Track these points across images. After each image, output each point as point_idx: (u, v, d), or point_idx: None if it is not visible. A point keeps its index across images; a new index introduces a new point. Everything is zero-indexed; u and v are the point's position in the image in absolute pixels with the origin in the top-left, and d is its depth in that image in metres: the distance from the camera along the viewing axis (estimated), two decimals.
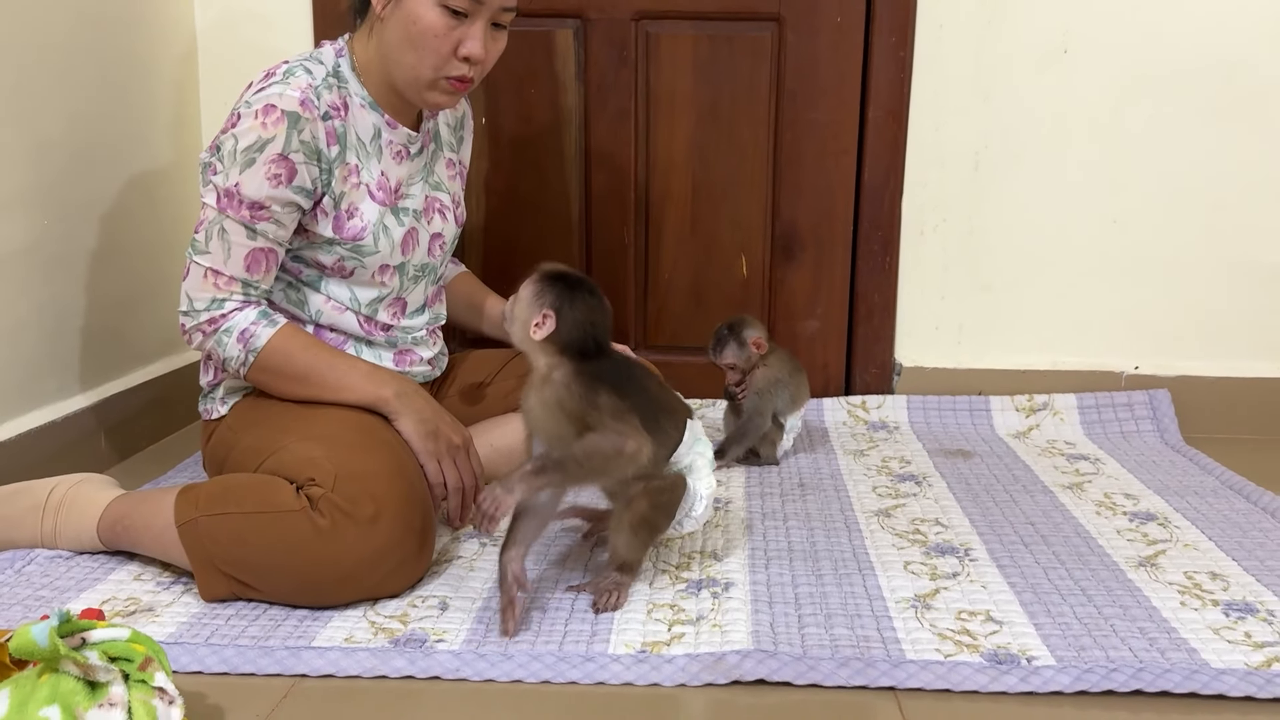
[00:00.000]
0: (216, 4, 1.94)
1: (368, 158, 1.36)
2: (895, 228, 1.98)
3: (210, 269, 1.28)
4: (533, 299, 1.18)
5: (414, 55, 1.30)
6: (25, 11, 1.49)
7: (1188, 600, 1.20)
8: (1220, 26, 1.88)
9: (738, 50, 1.92)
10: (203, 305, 1.29)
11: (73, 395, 1.63)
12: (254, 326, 1.29)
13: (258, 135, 1.25)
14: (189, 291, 1.29)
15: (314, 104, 1.28)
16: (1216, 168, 1.93)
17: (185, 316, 1.30)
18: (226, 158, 1.26)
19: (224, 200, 1.27)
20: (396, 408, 1.31)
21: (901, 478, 1.64)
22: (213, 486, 1.22)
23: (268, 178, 1.26)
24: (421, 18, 1.28)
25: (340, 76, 1.34)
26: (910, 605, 1.18)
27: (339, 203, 1.33)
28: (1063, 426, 1.91)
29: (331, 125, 1.31)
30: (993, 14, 1.90)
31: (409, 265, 1.42)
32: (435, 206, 1.46)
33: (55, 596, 1.19)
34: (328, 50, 1.37)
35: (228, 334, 1.29)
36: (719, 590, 1.21)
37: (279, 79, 1.29)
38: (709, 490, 1.23)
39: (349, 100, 1.34)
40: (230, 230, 1.27)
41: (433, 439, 1.31)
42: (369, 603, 1.17)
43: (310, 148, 1.28)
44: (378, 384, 1.32)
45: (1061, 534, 1.40)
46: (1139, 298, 1.98)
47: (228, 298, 1.29)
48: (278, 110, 1.25)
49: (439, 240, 1.47)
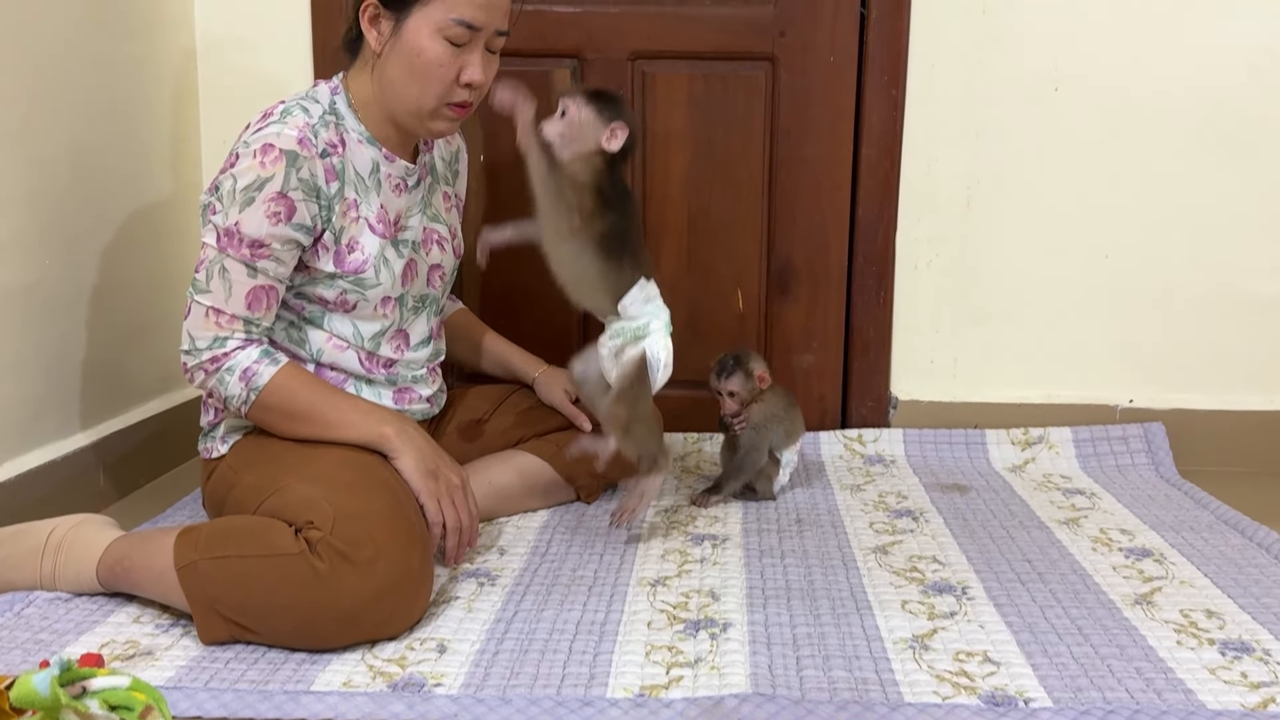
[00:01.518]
0: (216, 36, 1.96)
1: (366, 192, 1.38)
2: (889, 262, 2.00)
3: (211, 308, 1.29)
4: (598, 116, 1.37)
5: (418, 86, 1.33)
6: (25, 50, 1.51)
7: (1184, 639, 1.21)
8: (1206, 61, 1.91)
9: (732, 89, 1.94)
10: (205, 344, 1.30)
11: (73, 433, 1.64)
12: (256, 365, 1.30)
13: (256, 174, 1.27)
14: (190, 330, 1.30)
15: (311, 142, 1.30)
16: (1206, 200, 1.95)
17: (187, 355, 1.31)
18: (225, 197, 1.28)
19: (224, 239, 1.28)
20: (397, 445, 1.31)
21: (898, 513, 1.64)
22: (212, 529, 1.22)
23: (267, 216, 1.27)
24: (425, 50, 1.31)
25: (337, 113, 1.37)
26: (908, 646, 1.18)
27: (339, 238, 1.35)
28: (1058, 460, 1.92)
29: (329, 162, 1.32)
30: (983, 52, 1.93)
31: (408, 296, 1.44)
32: (433, 238, 1.48)
33: (54, 640, 1.19)
34: (323, 89, 1.39)
35: (230, 372, 1.30)
36: (717, 631, 1.21)
37: (276, 119, 1.30)
38: (667, 354, 1.42)
39: (346, 136, 1.36)
40: (231, 269, 1.29)
41: (432, 478, 1.31)
42: (367, 645, 1.17)
43: (309, 185, 1.30)
44: (378, 421, 1.33)
45: (1058, 571, 1.41)
46: (1132, 330, 2.00)
47: (229, 336, 1.30)
48: (276, 149, 1.27)
49: (438, 271, 1.49)
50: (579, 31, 1.93)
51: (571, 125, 1.37)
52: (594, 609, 1.27)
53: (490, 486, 1.57)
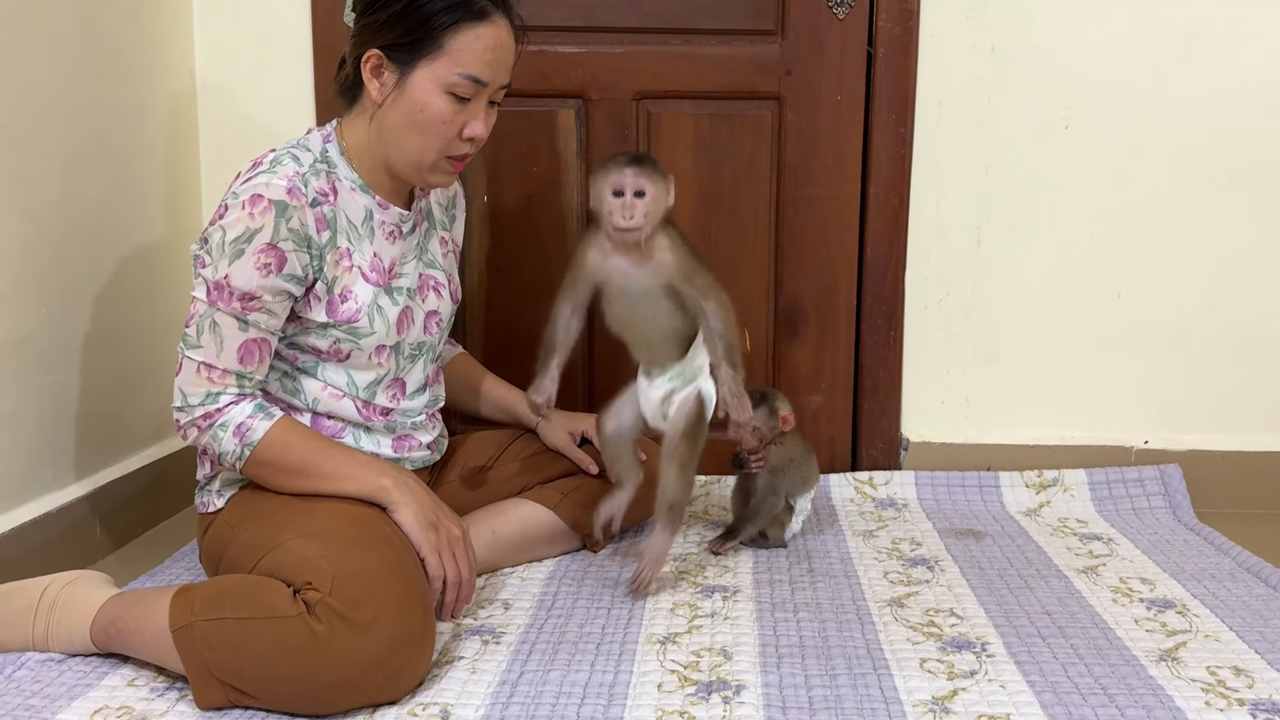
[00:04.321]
0: (215, 80, 1.95)
1: (359, 240, 1.35)
2: (899, 302, 1.97)
3: (203, 363, 1.26)
4: (663, 177, 1.37)
5: (419, 140, 1.32)
6: (20, 94, 1.49)
7: (1212, 699, 1.17)
8: (1218, 99, 1.89)
9: (738, 129, 1.93)
10: (197, 400, 1.27)
11: (68, 484, 1.60)
12: (250, 420, 1.27)
13: (245, 226, 1.25)
14: (182, 387, 1.28)
15: (301, 191, 1.28)
16: (1219, 238, 1.93)
17: (179, 412, 1.28)
18: (215, 250, 1.26)
19: (214, 293, 1.26)
20: (396, 498, 1.28)
21: (913, 561, 1.60)
22: (208, 589, 1.19)
23: (257, 267, 1.25)
24: (429, 105, 1.30)
25: (329, 161, 1.35)
26: (928, 709, 1.14)
27: (331, 287, 1.32)
28: (1074, 503, 1.89)
29: (320, 211, 1.30)
30: (992, 90, 1.91)
31: (404, 344, 1.41)
32: (430, 284, 1.45)
33: (46, 705, 1.15)
34: (315, 136, 1.37)
35: (223, 429, 1.27)
36: (730, 694, 1.17)
37: (265, 168, 1.28)
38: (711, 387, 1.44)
39: (338, 185, 1.34)
40: (222, 323, 1.26)
41: (433, 530, 1.28)
42: (369, 710, 1.13)
43: (299, 235, 1.27)
44: (376, 473, 1.30)
45: (1079, 624, 1.37)
46: (1146, 370, 1.97)
47: (222, 391, 1.27)
48: (264, 200, 1.25)
49: (435, 317, 1.46)
50: (583, 71, 1.91)
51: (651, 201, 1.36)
52: (602, 669, 1.23)
53: (494, 536, 1.54)
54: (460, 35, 1.29)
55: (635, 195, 1.35)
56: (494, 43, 1.31)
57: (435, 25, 1.28)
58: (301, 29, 1.92)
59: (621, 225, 1.35)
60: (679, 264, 1.39)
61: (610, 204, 1.36)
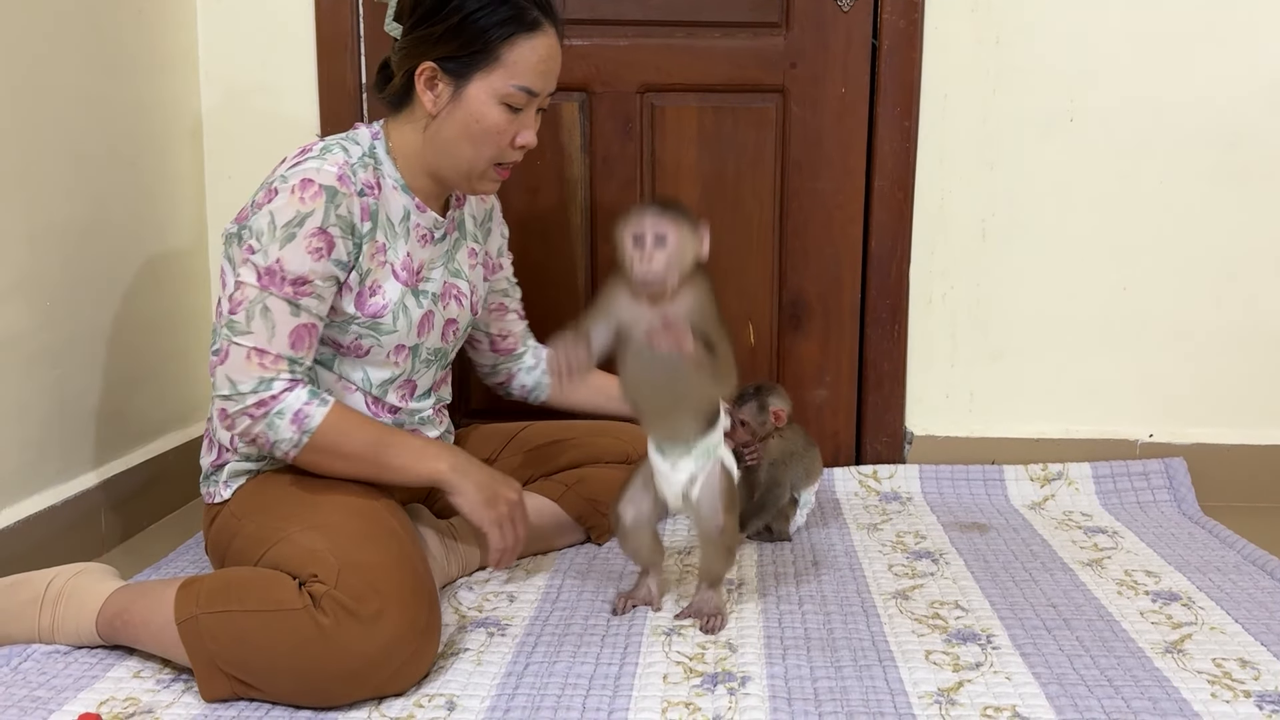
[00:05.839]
0: (221, 76, 1.95)
1: (395, 238, 1.36)
2: (903, 296, 1.97)
3: (254, 349, 1.26)
4: (690, 223, 1.26)
5: (473, 149, 1.34)
6: (27, 91, 1.49)
7: (1218, 691, 1.17)
8: (1224, 94, 1.88)
9: (742, 122, 1.92)
10: (248, 387, 1.25)
11: (74, 477, 1.61)
12: (307, 406, 1.26)
13: (296, 210, 1.25)
14: (230, 375, 1.26)
15: (350, 180, 1.29)
16: (1224, 233, 1.92)
17: (227, 401, 1.26)
18: (264, 235, 1.25)
19: (265, 278, 1.25)
20: (453, 481, 1.32)
21: (917, 554, 1.60)
22: (214, 582, 1.19)
23: (309, 251, 1.26)
24: (485, 116, 1.32)
25: (375, 157, 1.36)
26: (934, 700, 1.14)
27: (364, 279, 1.33)
28: (1078, 497, 1.88)
29: (365, 202, 1.31)
30: (997, 83, 1.90)
31: (422, 348, 1.42)
32: (452, 292, 1.46)
33: (52, 697, 1.15)
34: (364, 132, 1.38)
35: (280, 416, 1.26)
36: (735, 686, 1.17)
37: (315, 155, 1.29)
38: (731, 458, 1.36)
39: (382, 181, 1.35)
40: (274, 308, 1.26)
41: (492, 506, 1.33)
42: (374, 702, 1.14)
43: (346, 222, 1.28)
44: (433, 458, 1.32)
45: (1084, 616, 1.36)
46: (1150, 364, 1.96)
47: (275, 377, 1.26)
48: (315, 184, 1.26)
49: (453, 326, 1.47)
50: (587, 65, 1.91)
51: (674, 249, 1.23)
52: (607, 661, 1.23)
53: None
54: (515, 47, 1.30)
55: (656, 242, 1.23)
56: (546, 53, 1.33)
57: (491, 38, 1.29)
58: (305, 23, 1.91)
59: (640, 273, 1.22)
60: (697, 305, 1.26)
61: (631, 252, 1.24)
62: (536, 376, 1.67)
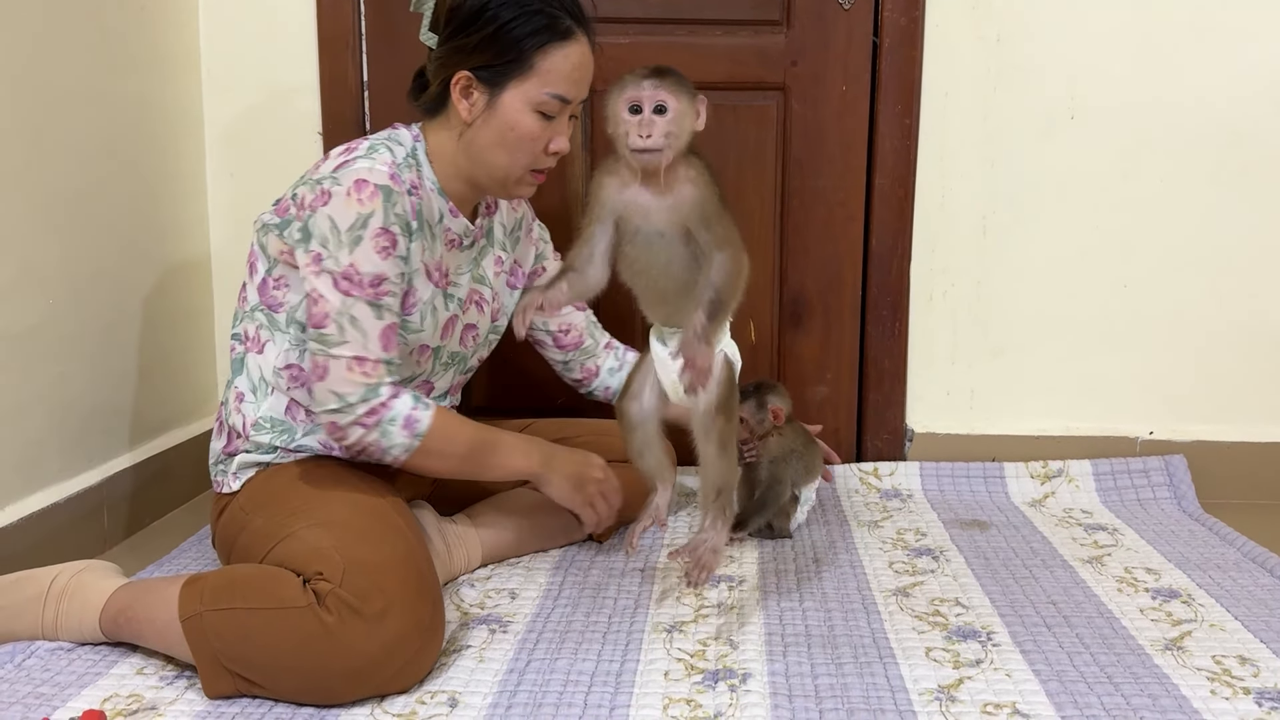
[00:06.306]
0: (222, 72, 1.95)
1: (432, 239, 1.38)
2: (904, 293, 1.97)
3: (354, 358, 1.26)
4: (689, 92, 1.20)
5: (508, 156, 1.35)
6: (27, 87, 1.49)
7: (1217, 688, 1.17)
8: (1225, 92, 1.88)
9: (743, 120, 1.92)
10: (356, 397, 1.26)
11: (77, 474, 1.61)
12: (414, 412, 1.29)
13: (356, 212, 1.26)
14: (334, 389, 1.26)
15: (401, 179, 1.31)
16: (1225, 231, 1.92)
17: (338, 414, 1.27)
18: (330, 241, 1.26)
19: (343, 284, 1.26)
20: (543, 475, 1.42)
21: (918, 552, 1.61)
22: (217, 579, 1.19)
23: (377, 251, 1.27)
24: (519, 124, 1.33)
25: (417, 160, 1.37)
26: (934, 698, 1.14)
27: (409, 278, 1.35)
28: (1078, 494, 1.89)
29: (413, 201, 1.33)
30: (998, 81, 1.90)
31: (443, 350, 1.43)
32: (474, 298, 1.47)
33: (56, 693, 1.16)
34: (404, 133, 1.39)
35: (392, 424, 1.28)
36: (736, 683, 1.17)
37: (364, 155, 1.30)
38: (734, 349, 1.30)
39: (422, 183, 1.36)
40: (359, 314, 1.27)
41: (580, 489, 1.45)
42: (377, 700, 1.14)
43: (403, 220, 1.30)
44: (524, 456, 1.40)
45: (1084, 614, 1.37)
46: (1151, 362, 1.97)
47: (379, 382, 1.28)
48: (370, 185, 1.27)
49: (472, 331, 1.48)
50: None
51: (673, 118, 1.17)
52: (609, 658, 1.24)
53: (500, 527, 1.54)
54: (549, 56, 1.31)
55: (655, 111, 1.16)
56: (579, 61, 1.34)
57: (525, 47, 1.30)
58: (307, 21, 1.91)
59: (638, 146, 1.15)
60: (698, 202, 1.19)
61: (626, 122, 1.16)
62: (621, 378, 1.65)
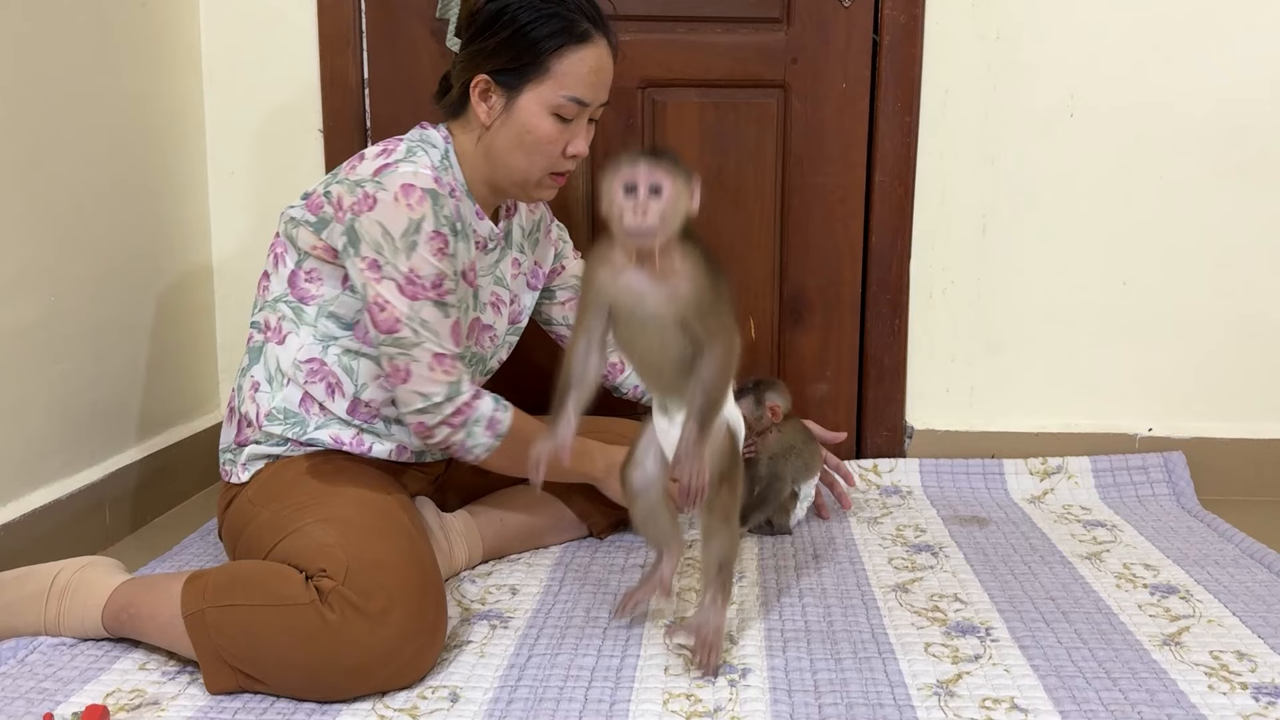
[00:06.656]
0: (223, 70, 1.95)
1: (467, 241, 1.39)
2: (904, 290, 1.98)
3: (435, 355, 1.28)
4: (685, 174, 1.15)
5: (526, 160, 1.36)
6: (28, 85, 1.50)
7: (1215, 683, 1.18)
8: (1225, 89, 1.89)
9: (743, 117, 1.93)
10: (442, 396, 1.28)
11: (79, 471, 1.62)
12: (495, 413, 1.32)
13: (408, 218, 1.27)
14: (419, 390, 1.28)
15: (443, 180, 1.32)
16: (1225, 228, 1.92)
17: (426, 415, 1.29)
18: (385, 249, 1.27)
19: (410, 289, 1.27)
20: (605, 481, 1.48)
21: (917, 548, 1.61)
22: (220, 575, 1.20)
23: (433, 254, 1.28)
24: (536, 127, 1.33)
25: (450, 161, 1.38)
26: (933, 693, 1.15)
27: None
28: (1078, 490, 1.89)
29: (454, 203, 1.34)
30: (998, 78, 1.91)
31: (466, 351, 1.44)
32: (493, 300, 1.48)
33: (59, 689, 1.16)
34: (435, 134, 1.40)
35: (477, 424, 1.30)
36: (736, 678, 1.18)
37: (403, 157, 1.31)
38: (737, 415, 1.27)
39: (456, 184, 1.37)
40: (429, 315, 1.28)
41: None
42: (378, 695, 1.15)
43: (450, 221, 1.32)
44: (588, 460, 1.45)
45: (1082, 609, 1.37)
46: (1151, 359, 1.97)
47: (459, 379, 1.30)
48: (417, 189, 1.27)
49: (489, 332, 1.48)
50: None
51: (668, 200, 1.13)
52: (609, 653, 1.24)
53: (501, 524, 1.55)
54: (565, 59, 1.32)
55: (650, 192, 1.12)
56: (596, 64, 1.34)
57: (541, 50, 1.31)
58: (307, 18, 1.92)
59: (632, 226, 1.11)
60: (694, 294, 1.14)
61: (621, 203, 1.12)
62: None
